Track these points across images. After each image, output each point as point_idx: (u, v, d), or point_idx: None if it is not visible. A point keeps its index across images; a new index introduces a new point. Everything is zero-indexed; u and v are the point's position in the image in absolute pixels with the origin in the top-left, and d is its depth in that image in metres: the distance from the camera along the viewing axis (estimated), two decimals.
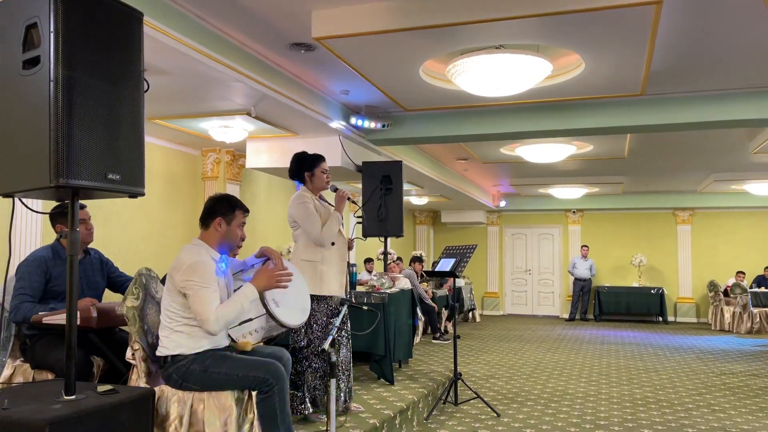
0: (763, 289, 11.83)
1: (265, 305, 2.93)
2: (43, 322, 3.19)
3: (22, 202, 2.61)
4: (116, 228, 6.50)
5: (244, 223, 3.10)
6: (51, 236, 3.67)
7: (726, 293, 12.25)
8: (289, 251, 7.72)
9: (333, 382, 2.80)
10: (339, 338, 4.06)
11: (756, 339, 10.73)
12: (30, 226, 5.12)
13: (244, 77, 4.73)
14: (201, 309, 2.74)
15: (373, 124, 6.45)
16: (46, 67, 2.27)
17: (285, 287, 2.97)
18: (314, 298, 3.90)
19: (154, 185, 7.00)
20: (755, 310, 11.62)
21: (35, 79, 2.30)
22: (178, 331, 2.84)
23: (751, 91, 5.76)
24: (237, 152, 7.71)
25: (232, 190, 7.74)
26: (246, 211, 3.10)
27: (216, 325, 2.74)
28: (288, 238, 8.98)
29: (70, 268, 2.50)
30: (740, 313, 11.78)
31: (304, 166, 4.07)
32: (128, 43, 2.58)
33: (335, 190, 4.18)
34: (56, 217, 3.57)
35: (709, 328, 12.41)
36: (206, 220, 3.02)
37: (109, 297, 3.86)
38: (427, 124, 6.76)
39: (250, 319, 3.21)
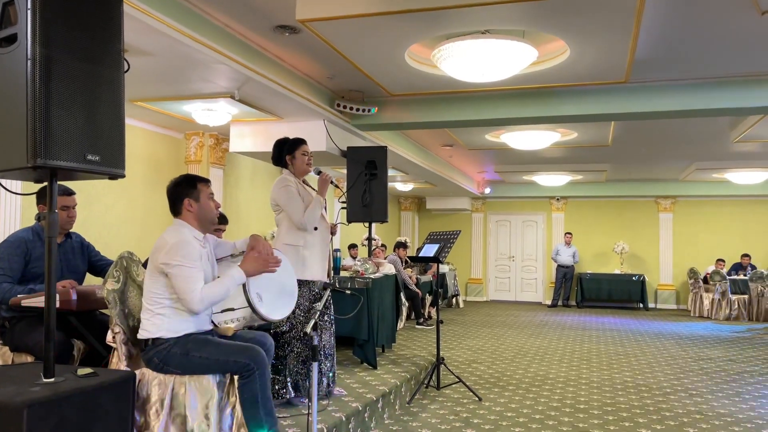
0: (741, 277, 12.02)
1: (248, 299, 2.92)
2: (22, 304, 3.16)
3: (0, 183, 2.57)
4: (98, 211, 6.43)
5: (212, 193, 3.06)
6: (31, 218, 3.62)
7: (705, 280, 12.44)
8: (273, 237, 7.69)
9: (315, 365, 2.80)
10: (322, 323, 4.07)
11: (733, 325, 10.92)
12: (9, 208, 5.05)
13: (228, 59, 4.68)
14: (185, 287, 2.72)
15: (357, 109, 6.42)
16: (23, 45, 2.23)
17: (273, 271, 2.95)
18: (298, 283, 3.90)
19: (137, 168, 6.92)
20: (733, 297, 11.81)
21: (12, 58, 2.26)
22: (160, 314, 2.82)
23: (734, 80, 5.81)
24: (221, 136, 7.65)
25: (216, 174, 7.69)
26: (207, 181, 3.06)
27: (201, 305, 2.73)
28: (273, 224, 8.95)
29: (48, 250, 2.47)
30: (719, 300, 11.97)
31: (285, 150, 4.05)
32: (107, 22, 2.54)
33: (319, 173, 4.17)
34: (40, 199, 3.53)
35: (688, 315, 12.60)
36: (175, 207, 2.99)
37: (90, 281, 3.83)
38: (413, 109, 6.74)
39: (233, 309, 3.20)
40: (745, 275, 12.07)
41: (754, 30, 4.63)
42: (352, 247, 10.51)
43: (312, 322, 2.86)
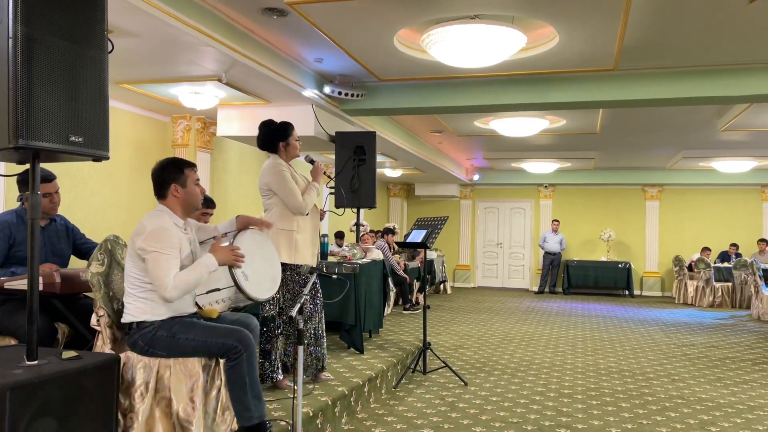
0: (725, 265, 12.16)
1: (234, 278, 2.90)
2: (5, 286, 3.13)
3: None
4: (83, 195, 6.37)
5: (198, 179, 3.03)
6: (14, 199, 3.58)
7: (690, 268, 12.58)
8: None
9: (300, 349, 2.81)
10: (312, 307, 4.08)
11: (717, 312, 11.06)
12: None
13: (215, 42, 4.62)
14: (159, 274, 2.69)
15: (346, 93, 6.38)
16: (5, 24, 2.20)
17: (239, 266, 2.90)
18: (287, 267, 3.90)
19: (123, 152, 6.86)
20: (717, 285, 11.96)
21: None
22: (142, 297, 2.80)
23: (722, 68, 5.84)
24: (208, 120, 7.58)
25: (203, 158, 7.63)
26: (194, 166, 3.02)
27: (174, 292, 2.69)
28: (261, 208, 8.91)
29: (31, 232, 2.44)
30: (703, 287, 12.12)
31: (277, 135, 4.01)
32: (91, 1, 2.50)
33: (312, 161, 4.17)
34: (25, 181, 3.48)
35: (672, 302, 12.74)
36: (161, 191, 2.94)
37: (75, 264, 3.80)
38: (402, 94, 6.72)
39: (218, 289, 3.19)
40: (729, 263, 12.21)
41: (742, 18, 4.64)
42: (339, 236, 10.47)
43: (297, 306, 2.86)
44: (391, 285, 8.98)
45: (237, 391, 2.84)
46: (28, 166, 2.52)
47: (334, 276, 3.88)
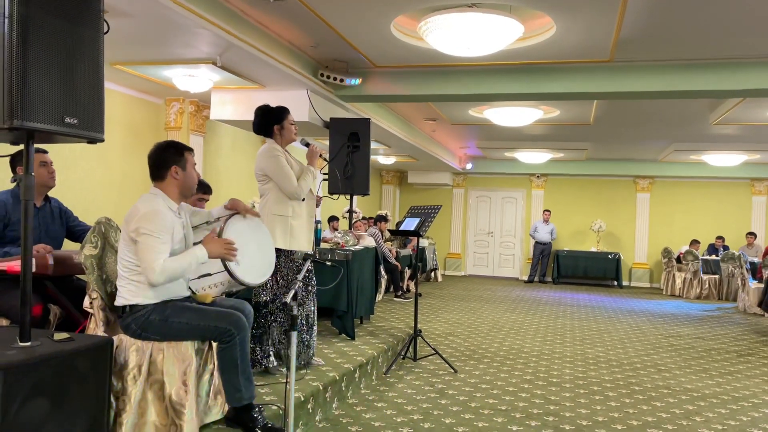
0: (713, 257, 12.28)
1: (225, 264, 2.90)
2: None
3: None
4: (75, 176, 6.33)
5: (195, 163, 3.04)
6: (6, 180, 3.55)
7: (679, 260, 12.69)
8: (254, 206, 7.65)
9: (294, 335, 2.82)
10: (305, 293, 4.08)
11: (704, 304, 11.19)
12: None
13: (210, 24, 4.58)
14: (147, 257, 2.68)
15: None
16: (1, 3, 2.17)
17: (231, 260, 2.90)
18: (282, 253, 3.90)
19: (115, 133, 6.81)
20: (705, 277, 12.08)
21: None
22: (135, 281, 2.80)
23: (716, 62, 5.85)
24: (201, 103, 7.53)
25: (196, 141, 7.59)
26: (192, 150, 3.03)
27: (160, 277, 2.69)
28: (254, 192, 8.88)
29: (25, 213, 2.43)
30: (691, 279, 12.24)
31: (272, 119, 3.99)
32: None
33: (306, 144, 4.14)
34: (17, 161, 3.46)
35: (660, 293, 12.87)
36: (160, 171, 2.92)
37: (68, 246, 3.79)
38: (397, 81, 6.69)
39: (209, 274, 3.19)
40: (717, 256, 12.33)
41: (738, 13, 4.65)
42: (333, 219, 10.49)
43: (292, 292, 2.87)
44: (383, 272, 9.01)
45: (228, 373, 2.86)
46: (21, 147, 2.50)
47: (329, 263, 3.88)
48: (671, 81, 5.98)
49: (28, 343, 2.41)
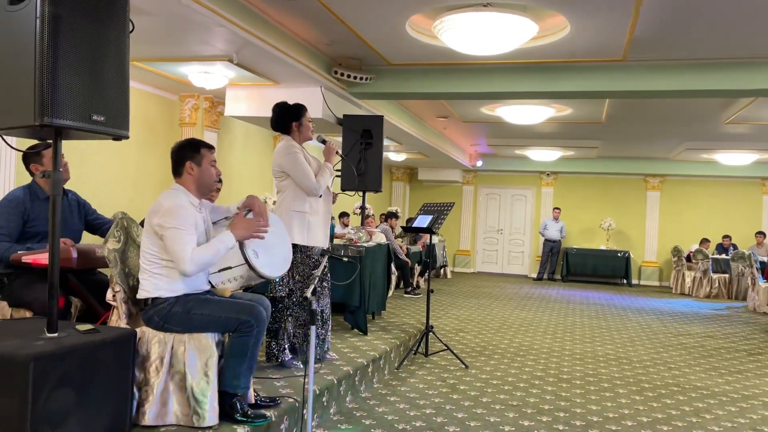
0: (723, 256, 12.25)
1: (244, 256, 2.96)
2: (23, 260, 3.19)
3: (3, 139, 2.58)
4: (90, 170, 6.41)
5: (215, 160, 3.10)
6: (25, 174, 3.62)
7: (689, 259, 12.67)
8: (266, 201, 7.71)
9: (312, 329, 2.88)
10: (321, 288, 4.14)
11: (713, 303, 11.17)
12: (4, 165, 5.03)
13: (227, 22, 4.64)
14: (177, 248, 2.76)
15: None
16: (33, 4, 2.23)
17: (262, 238, 2.98)
18: (299, 249, 3.95)
19: (130, 129, 6.87)
20: (714, 276, 12.06)
21: (22, 15, 2.26)
22: (157, 273, 2.87)
23: (729, 62, 5.86)
24: (216, 99, 7.60)
25: (210, 137, 7.66)
26: (211, 147, 3.09)
27: (192, 266, 2.76)
28: (265, 188, 8.96)
29: (53, 208, 2.50)
30: (700, 278, 12.22)
31: (290, 116, 4.04)
32: None
33: (323, 141, 4.18)
34: (30, 158, 3.52)
35: (670, 292, 12.85)
36: (177, 168, 3.02)
37: (86, 239, 3.85)
38: (411, 79, 6.73)
39: (230, 267, 3.25)
40: (727, 255, 12.30)
41: (751, 14, 4.66)
42: (344, 215, 10.56)
43: (312, 287, 2.92)
44: (393, 268, 9.06)
45: (235, 358, 2.91)
46: (34, 142, 2.55)
47: (345, 258, 3.93)
48: (684, 80, 5.98)
49: (56, 334, 2.48)
